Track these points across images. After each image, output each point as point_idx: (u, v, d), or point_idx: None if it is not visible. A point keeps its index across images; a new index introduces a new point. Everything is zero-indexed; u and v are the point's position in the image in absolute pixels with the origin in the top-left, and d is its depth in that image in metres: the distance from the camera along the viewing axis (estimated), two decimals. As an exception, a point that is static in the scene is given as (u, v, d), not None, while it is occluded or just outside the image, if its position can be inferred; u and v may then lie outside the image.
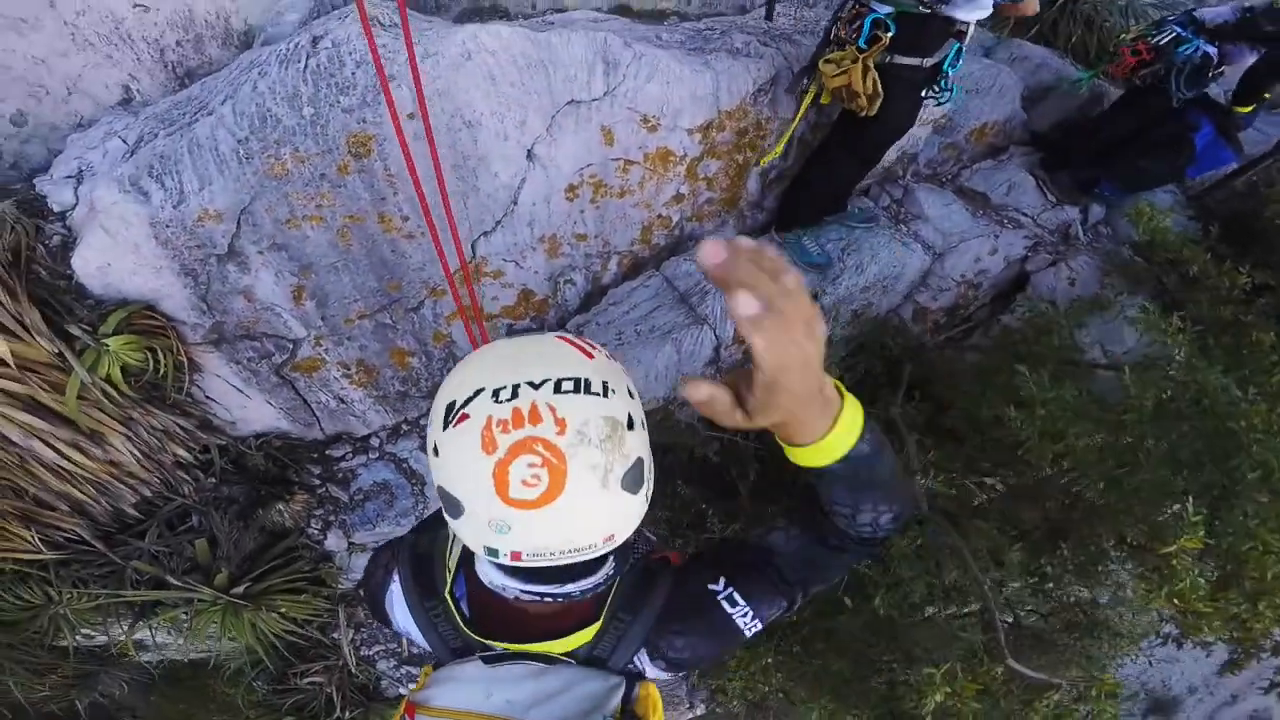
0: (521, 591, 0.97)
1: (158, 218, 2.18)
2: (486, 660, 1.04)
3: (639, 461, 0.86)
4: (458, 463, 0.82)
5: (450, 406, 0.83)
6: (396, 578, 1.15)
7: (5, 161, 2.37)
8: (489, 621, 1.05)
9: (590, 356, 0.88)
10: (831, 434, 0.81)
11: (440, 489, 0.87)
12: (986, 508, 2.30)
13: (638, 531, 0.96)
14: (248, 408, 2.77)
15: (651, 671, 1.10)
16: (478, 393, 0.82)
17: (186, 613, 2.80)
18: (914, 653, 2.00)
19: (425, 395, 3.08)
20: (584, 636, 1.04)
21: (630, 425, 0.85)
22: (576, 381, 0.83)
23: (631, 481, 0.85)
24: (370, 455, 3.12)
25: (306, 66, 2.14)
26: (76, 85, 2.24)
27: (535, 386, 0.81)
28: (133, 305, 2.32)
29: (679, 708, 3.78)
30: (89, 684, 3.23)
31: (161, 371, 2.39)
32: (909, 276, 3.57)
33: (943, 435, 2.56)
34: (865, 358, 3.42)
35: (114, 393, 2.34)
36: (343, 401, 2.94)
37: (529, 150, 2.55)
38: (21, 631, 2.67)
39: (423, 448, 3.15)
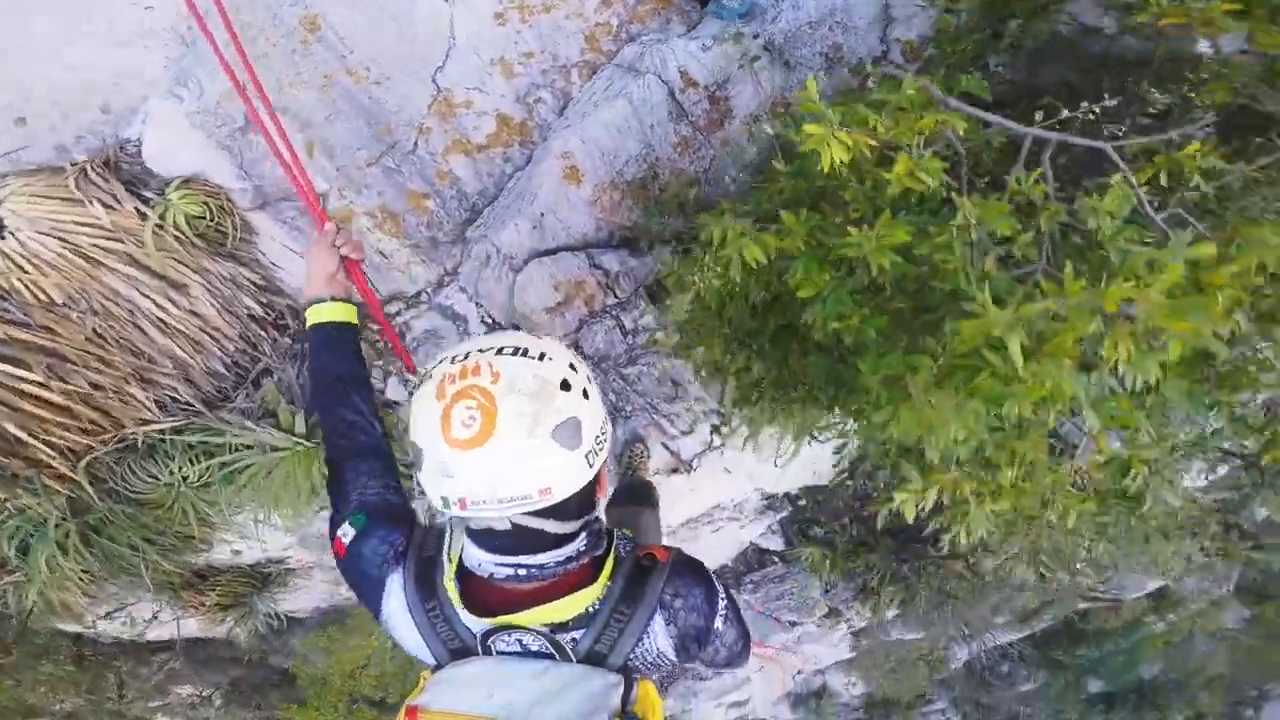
0: (495, 565, 1.10)
1: (189, 110, 2.96)
2: (486, 639, 1.10)
3: (573, 420, 1.04)
4: (419, 411, 1.05)
5: (422, 375, 1.10)
6: (399, 573, 1.19)
7: (109, 143, 3.26)
8: (481, 607, 1.12)
9: (538, 338, 1.11)
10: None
11: (409, 444, 1.08)
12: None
13: (597, 516, 1.16)
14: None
15: (663, 640, 1.15)
16: (441, 360, 1.08)
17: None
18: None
19: (451, 241, 3.40)
20: (582, 600, 1.11)
21: (565, 387, 1.05)
22: (516, 349, 1.06)
23: (565, 437, 1.02)
24: (421, 308, 3.41)
25: (253, -11, 3.00)
26: (141, 75, 3.12)
27: (482, 351, 1.06)
28: (190, 176, 2.99)
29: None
30: (241, 606, 3.41)
31: (217, 221, 2.96)
32: (861, 8, 3.60)
33: None
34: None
35: (185, 239, 2.91)
36: (384, 255, 3.33)
37: (444, -8, 3.21)
38: (154, 510, 3.01)
39: (462, 289, 3.41)
